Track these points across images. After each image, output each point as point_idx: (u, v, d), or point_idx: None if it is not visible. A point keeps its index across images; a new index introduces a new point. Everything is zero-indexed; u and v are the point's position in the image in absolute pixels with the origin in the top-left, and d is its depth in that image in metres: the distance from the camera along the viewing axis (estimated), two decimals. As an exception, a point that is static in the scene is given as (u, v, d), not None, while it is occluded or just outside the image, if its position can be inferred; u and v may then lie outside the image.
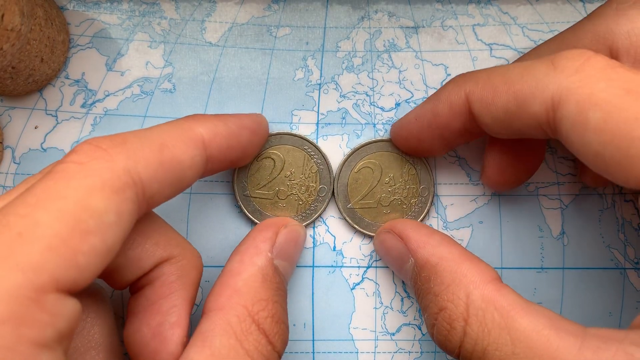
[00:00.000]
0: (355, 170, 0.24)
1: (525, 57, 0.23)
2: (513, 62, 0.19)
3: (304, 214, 0.24)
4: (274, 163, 0.23)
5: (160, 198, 0.17)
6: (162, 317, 0.18)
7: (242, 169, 0.24)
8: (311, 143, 0.24)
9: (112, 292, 0.24)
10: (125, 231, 0.16)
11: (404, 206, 0.24)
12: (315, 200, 0.24)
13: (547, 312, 0.17)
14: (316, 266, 0.24)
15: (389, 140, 0.24)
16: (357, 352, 0.24)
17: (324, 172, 0.24)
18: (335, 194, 0.24)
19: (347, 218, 0.24)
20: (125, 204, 0.15)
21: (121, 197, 0.15)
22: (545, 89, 0.17)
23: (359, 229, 0.24)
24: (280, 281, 0.20)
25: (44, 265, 0.13)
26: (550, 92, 0.17)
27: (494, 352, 0.17)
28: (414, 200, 0.24)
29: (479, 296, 0.18)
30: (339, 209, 0.24)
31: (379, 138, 0.24)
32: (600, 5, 0.21)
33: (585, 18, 0.21)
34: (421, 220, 0.24)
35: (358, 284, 0.24)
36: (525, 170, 0.23)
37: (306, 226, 0.24)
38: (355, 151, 0.24)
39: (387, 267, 0.24)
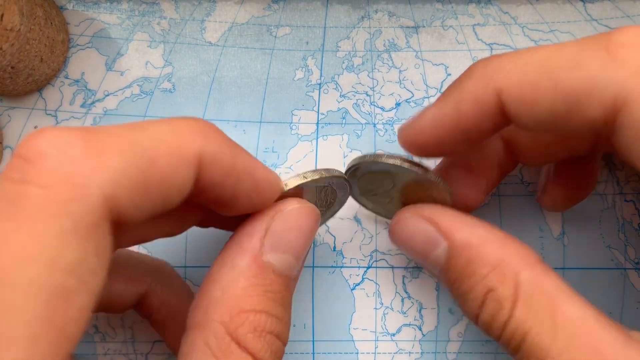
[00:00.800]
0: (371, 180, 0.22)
1: None
2: (548, 46, 0.16)
3: None
4: None
5: (132, 224, 0.14)
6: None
7: None
8: (323, 181, 0.20)
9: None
10: (107, 264, 0.13)
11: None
12: (327, 211, 0.22)
13: (592, 305, 0.16)
14: (316, 266, 0.24)
15: (414, 172, 0.20)
16: (357, 353, 0.24)
17: (338, 197, 0.22)
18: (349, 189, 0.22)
19: (360, 202, 0.23)
20: (102, 239, 0.13)
21: (98, 234, 0.13)
22: (604, 89, 0.14)
23: (368, 210, 0.23)
24: (273, 281, 0.17)
25: None
26: (611, 94, 0.14)
27: (533, 338, 0.16)
28: None
29: (527, 278, 0.17)
30: (351, 195, 0.23)
31: (403, 168, 0.20)
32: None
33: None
34: None
35: (358, 284, 0.24)
36: (583, 189, 0.22)
37: None
38: (373, 175, 0.21)
39: (392, 266, 0.24)
